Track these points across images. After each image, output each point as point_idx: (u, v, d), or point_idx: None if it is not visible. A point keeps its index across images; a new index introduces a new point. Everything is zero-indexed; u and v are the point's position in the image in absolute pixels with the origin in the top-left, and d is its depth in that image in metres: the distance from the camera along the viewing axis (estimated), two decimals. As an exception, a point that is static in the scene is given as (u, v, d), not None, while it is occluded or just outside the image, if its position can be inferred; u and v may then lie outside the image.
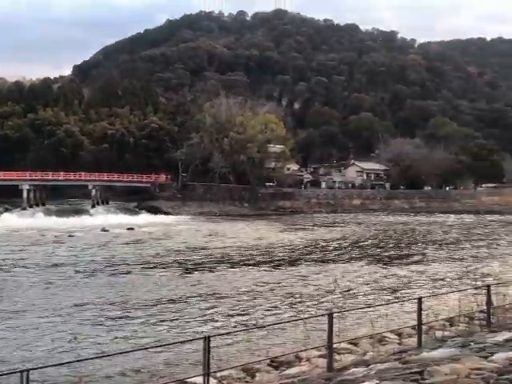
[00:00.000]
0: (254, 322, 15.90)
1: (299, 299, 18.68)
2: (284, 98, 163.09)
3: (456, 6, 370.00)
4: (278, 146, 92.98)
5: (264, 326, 14.10)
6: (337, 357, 11.46)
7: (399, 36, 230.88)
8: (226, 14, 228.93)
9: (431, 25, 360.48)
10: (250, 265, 29.78)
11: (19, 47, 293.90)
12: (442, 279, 24.56)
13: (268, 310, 18.75)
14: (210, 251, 35.56)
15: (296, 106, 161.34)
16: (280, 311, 18.61)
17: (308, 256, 34.07)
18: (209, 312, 18.63)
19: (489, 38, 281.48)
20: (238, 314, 17.87)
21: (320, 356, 11.42)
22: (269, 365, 12.11)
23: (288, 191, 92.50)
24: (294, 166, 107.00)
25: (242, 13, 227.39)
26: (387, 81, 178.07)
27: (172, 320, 17.54)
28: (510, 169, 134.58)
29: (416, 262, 31.44)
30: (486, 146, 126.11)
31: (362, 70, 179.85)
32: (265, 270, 27.81)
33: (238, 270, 28.07)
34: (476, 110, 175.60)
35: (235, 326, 16.03)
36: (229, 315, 18.05)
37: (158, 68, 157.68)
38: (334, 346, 11.15)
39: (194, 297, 21.14)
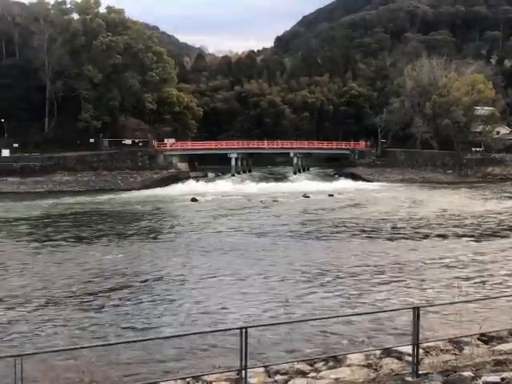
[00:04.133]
0: (464, 295, 15.26)
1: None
2: (493, 55, 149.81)
3: None
4: (485, 108, 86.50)
5: (475, 300, 13.46)
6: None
7: None
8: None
9: None
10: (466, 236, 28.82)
11: (226, 23, 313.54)
12: None
13: (481, 283, 17.92)
14: (419, 221, 34.71)
15: (507, 63, 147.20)
16: (492, 286, 17.63)
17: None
18: (423, 281, 18.60)
19: None
20: (448, 286, 17.43)
21: (538, 334, 10.56)
22: (478, 339, 11.56)
23: (497, 157, 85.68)
24: (504, 130, 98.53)
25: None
26: None
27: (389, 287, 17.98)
28: None
29: None
30: None
31: None
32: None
33: (448, 240, 27.29)
34: None
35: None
36: (441, 286, 17.71)
37: (357, 34, 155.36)
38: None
39: (405, 265, 21.23)
